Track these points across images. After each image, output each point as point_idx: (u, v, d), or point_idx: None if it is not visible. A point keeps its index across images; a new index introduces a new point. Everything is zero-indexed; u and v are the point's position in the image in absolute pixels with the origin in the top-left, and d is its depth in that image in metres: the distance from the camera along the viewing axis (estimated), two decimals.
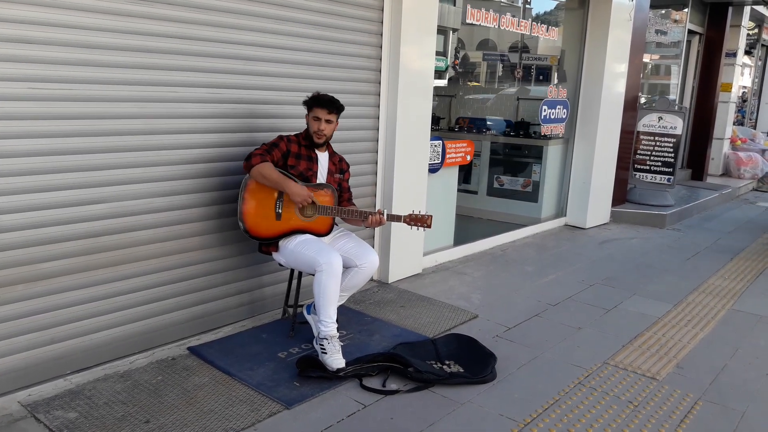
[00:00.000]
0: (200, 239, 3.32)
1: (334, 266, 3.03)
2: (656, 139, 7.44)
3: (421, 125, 4.44)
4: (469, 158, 5.23)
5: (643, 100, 8.62)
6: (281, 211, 3.20)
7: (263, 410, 2.68)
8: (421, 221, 3.19)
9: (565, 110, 6.22)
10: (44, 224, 2.71)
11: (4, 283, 2.62)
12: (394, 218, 3.23)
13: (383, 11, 4.09)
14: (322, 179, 3.30)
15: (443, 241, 5.15)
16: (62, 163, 2.73)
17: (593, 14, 6.26)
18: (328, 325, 3.05)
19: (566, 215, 6.71)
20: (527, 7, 7.21)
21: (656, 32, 9.00)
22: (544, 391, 2.99)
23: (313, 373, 2.96)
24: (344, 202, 3.41)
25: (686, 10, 8.87)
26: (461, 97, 7.92)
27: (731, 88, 10.47)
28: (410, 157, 4.37)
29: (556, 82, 6.96)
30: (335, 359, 2.99)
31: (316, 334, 3.19)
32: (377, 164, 4.30)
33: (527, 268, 5.04)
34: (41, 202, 2.69)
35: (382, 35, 4.12)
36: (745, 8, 10.23)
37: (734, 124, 11.46)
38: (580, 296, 4.40)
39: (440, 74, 7.64)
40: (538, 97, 6.90)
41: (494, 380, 3.06)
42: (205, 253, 3.36)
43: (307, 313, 3.43)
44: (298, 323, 3.44)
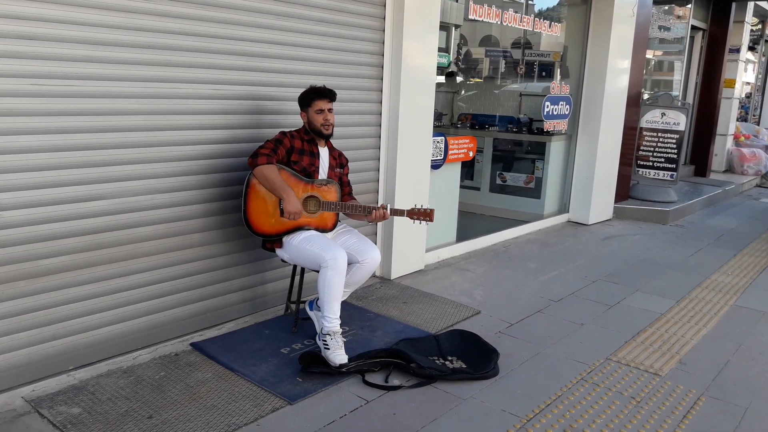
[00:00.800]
0: (202, 235, 3.32)
1: (339, 262, 3.03)
2: (659, 135, 7.42)
3: (423, 121, 4.43)
4: (471, 154, 5.22)
5: (646, 96, 8.59)
6: None
7: (266, 405, 2.68)
8: (424, 215, 3.20)
9: (568, 106, 6.21)
10: (46, 221, 2.71)
11: (6, 279, 2.63)
12: (397, 213, 3.23)
13: (386, 7, 4.09)
14: (323, 174, 3.31)
15: (446, 237, 5.14)
16: (64, 159, 2.73)
17: (596, 10, 6.24)
18: (331, 321, 3.06)
19: (569, 211, 6.70)
20: (530, 3, 7.17)
21: (659, 28, 8.97)
22: (546, 386, 2.99)
23: (315, 368, 2.96)
24: (345, 196, 3.43)
25: (689, 5, 8.84)
26: (463, 93, 7.90)
27: (735, 84, 10.44)
28: (413, 153, 4.37)
29: (558, 78, 6.94)
30: (338, 355, 2.99)
31: (319, 330, 3.19)
32: (380, 160, 4.30)
33: (530, 264, 5.04)
34: (43, 198, 2.69)
35: (384, 31, 4.12)
36: (748, 4, 10.19)
37: (737, 120, 11.43)
38: (582, 292, 4.40)
39: (443, 70, 7.62)
40: (541, 93, 6.88)
41: (497, 376, 3.06)
42: (207, 249, 3.36)
43: (309, 309, 3.43)
44: (300, 319, 3.45)
